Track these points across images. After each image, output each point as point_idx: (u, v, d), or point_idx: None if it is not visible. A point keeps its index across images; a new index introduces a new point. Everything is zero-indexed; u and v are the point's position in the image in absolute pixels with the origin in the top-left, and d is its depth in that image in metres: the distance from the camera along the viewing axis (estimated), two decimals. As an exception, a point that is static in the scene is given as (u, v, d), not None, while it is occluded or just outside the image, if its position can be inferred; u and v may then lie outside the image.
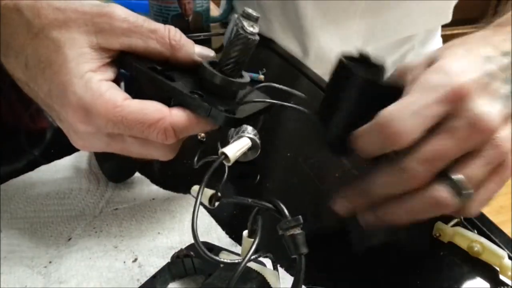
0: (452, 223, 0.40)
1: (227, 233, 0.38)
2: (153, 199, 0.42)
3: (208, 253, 0.26)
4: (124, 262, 0.35)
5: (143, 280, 0.33)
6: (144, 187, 0.43)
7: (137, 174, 0.44)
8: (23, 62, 0.30)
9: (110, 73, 0.31)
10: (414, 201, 0.31)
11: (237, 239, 0.38)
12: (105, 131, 0.30)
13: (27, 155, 0.48)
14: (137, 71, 0.31)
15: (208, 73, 0.32)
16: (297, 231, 0.28)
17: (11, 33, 0.30)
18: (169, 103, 0.31)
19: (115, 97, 0.29)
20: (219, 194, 0.31)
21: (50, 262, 0.35)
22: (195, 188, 0.32)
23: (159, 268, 0.34)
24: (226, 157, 0.29)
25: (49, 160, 0.45)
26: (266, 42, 0.78)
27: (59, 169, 0.44)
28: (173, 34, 0.31)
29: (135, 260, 0.35)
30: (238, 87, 0.33)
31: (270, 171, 0.48)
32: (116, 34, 0.30)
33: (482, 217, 0.42)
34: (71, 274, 0.33)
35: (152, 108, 0.29)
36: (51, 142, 0.52)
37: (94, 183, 0.43)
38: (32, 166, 0.44)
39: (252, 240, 0.28)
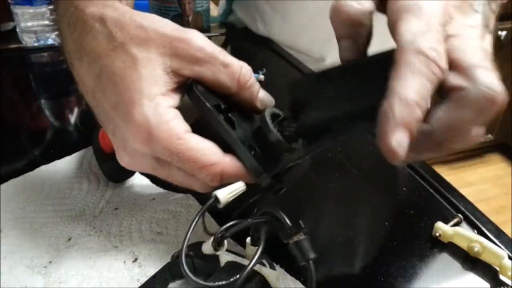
0: (452, 223, 0.40)
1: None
2: (153, 199, 0.42)
3: (192, 276, 0.27)
4: (124, 262, 0.35)
5: (143, 280, 0.33)
6: (144, 187, 0.43)
7: (137, 174, 0.44)
8: (96, 70, 0.30)
9: (176, 99, 0.31)
10: None
11: (237, 239, 0.38)
12: (159, 156, 0.30)
13: (27, 155, 0.48)
14: (202, 105, 0.30)
15: (266, 128, 0.31)
16: (301, 236, 0.27)
17: (90, 40, 0.31)
18: (222, 143, 0.31)
19: (179, 128, 0.29)
20: (222, 238, 0.31)
21: (50, 262, 0.35)
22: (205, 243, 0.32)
23: (159, 268, 0.33)
24: (217, 200, 0.29)
25: (49, 160, 0.45)
26: (266, 42, 0.78)
27: (59, 169, 0.44)
28: (244, 72, 0.31)
29: (135, 260, 0.35)
30: (288, 151, 0.32)
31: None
32: (190, 61, 0.30)
33: (482, 217, 0.42)
34: (71, 274, 0.33)
35: (209, 151, 0.30)
36: (51, 142, 0.52)
37: (94, 183, 0.43)
38: (32, 166, 0.44)
39: (256, 248, 0.28)
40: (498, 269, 0.36)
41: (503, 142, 2.30)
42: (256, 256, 0.28)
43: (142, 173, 0.45)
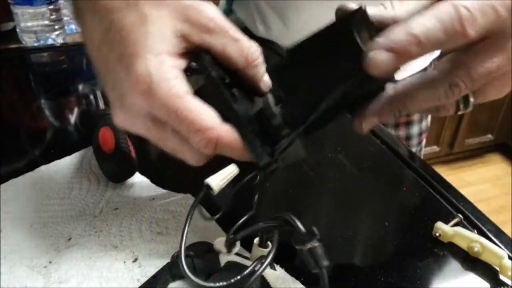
0: (452, 223, 0.40)
1: (226, 232, 0.38)
2: (153, 199, 0.42)
3: (192, 276, 0.26)
4: (124, 262, 0.35)
5: (143, 280, 0.33)
6: (144, 187, 0.43)
7: (137, 174, 0.44)
8: (106, 24, 0.30)
9: (181, 63, 0.31)
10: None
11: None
12: (155, 113, 0.30)
13: (27, 155, 0.48)
14: (208, 75, 0.30)
15: (269, 111, 0.31)
16: (315, 243, 0.27)
17: None
18: (222, 115, 0.30)
19: (180, 87, 0.29)
20: (236, 239, 0.31)
21: (50, 262, 0.35)
22: (219, 240, 0.32)
23: (159, 268, 0.33)
24: (210, 188, 0.29)
25: (49, 160, 0.45)
26: (266, 43, 0.78)
27: (59, 169, 0.44)
28: (253, 50, 0.31)
29: (135, 260, 0.35)
30: (286, 136, 0.32)
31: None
32: (200, 29, 0.30)
33: (482, 217, 0.42)
34: (71, 274, 0.33)
35: (208, 115, 0.29)
36: (51, 142, 0.52)
37: (94, 183, 0.43)
38: (32, 166, 0.44)
39: (263, 249, 0.28)
40: (498, 269, 0.36)
41: (503, 142, 2.31)
42: (268, 260, 0.27)
43: (142, 173, 0.45)
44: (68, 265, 0.34)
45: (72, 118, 0.58)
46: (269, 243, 0.31)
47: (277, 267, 0.34)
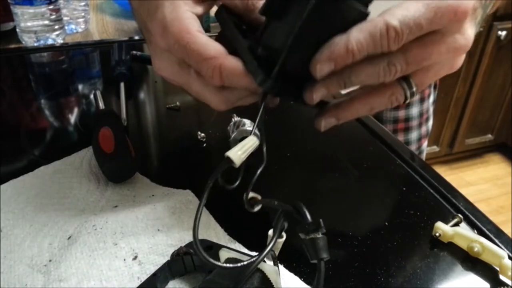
0: (452, 223, 0.40)
1: (225, 230, 0.38)
2: (153, 195, 0.42)
3: (212, 260, 0.26)
4: (124, 260, 0.35)
5: (143, 278, 0.33)
6: (144, 184, 0.43)
7: (137, 174, 0.45)
8: None
9: (197, 9, 0.35)
10: (379, 99, 0.35)
11: (236, 237, 0.38)
12: (173, 53, 0.34)
13: (27, 155, 0.48)
14: (223, 19, 0.35)
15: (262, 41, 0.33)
16: (318, 235, 0.27)
17: None
18: (233, 50, 0.33)
19: (191, 26, 0.33)
20: (259, 197, 0.31)
21: (50, 260, 0.35)
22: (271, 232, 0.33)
23: (159, 266, 0.34)
24: (231, 161, 0.29)
25: (49, 160, 0.45)
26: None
27: (59, 169, 0.44)
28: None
29: (135, 257, 0.35)
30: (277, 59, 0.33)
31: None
32: None
33: (482, 217, 0.42)
34: (71, 272, 0.33)
35: (212, 46, 0.33)
36: (51, 142, 0.52)
37: (94, 183, 0.43)
38: (32, 166, 0.44)
39: (279, 240, 0.28)
40: (498, 269, 0.36)
41: (503, 142, 2.31)
42: (273, 241, 0.28)
43: (142, 173, 0.45)
44: (68, 263, 0.34)
45: (72, 118, 0.58)
46: (284, 234, 0.32)
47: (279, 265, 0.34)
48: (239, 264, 0.27)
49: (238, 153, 0.29)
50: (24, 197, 0.41)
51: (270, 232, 0.32)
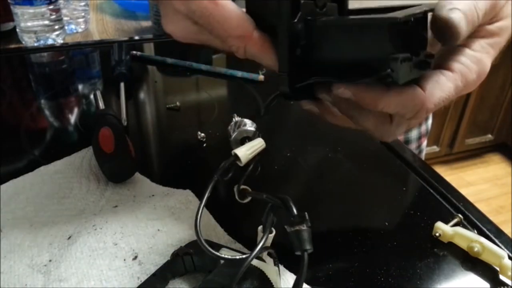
0: (452, 223, 0.40)
1: (225, 230, 0.38)
2: (153, 195, 0.42)
3: (212, 251, 0.26)
4: (124, 259, 0.35)
5: (143, 278, 0.33)
6: (144, 184, 0.43)
7: (137, 174, 0.44)
8: None
9: None
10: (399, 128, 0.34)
11: (236, 237, 0.38)
12: (194, 17, 0.31)
13: (27, 155, 0.48)
14: None
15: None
16: (303, 227, 0.28)
17: None
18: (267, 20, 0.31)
19: None
20: (249, 189, 0.32)
21: (50, 260, 0.35)
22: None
23: (159, 265, 0.34)
24: (237, 158, 0.29)
25: (49, 160, 0.45)
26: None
27: (59, 169, 0.44)
28: None
29: (135, 257, 0.35)
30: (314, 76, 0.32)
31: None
32: None
33: (482, 217, 0.42)
34: (71, 272, 0.33)
35: (238, 20, 0.30)
36: (51, 142, 0.52)
37: (94, 183, 0.43)
38: (32, 166, 0.44)
39: (269, 235, 0.29)
40: (498, 269, 0.36)
41: (503, 142, 2.31)
42: (266, 234, 0.29)
43: (142, 173, 0.45)
44: (68, 263, 0.34)
45: (72, 118, 0.58)
46: (273, 229, 0.32)
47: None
48: (237, 257, 0.27)
49: (246, 152, 0.29)
50: (24, 197, 0.41)
51: (260, 228, 0.32)
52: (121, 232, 0.37)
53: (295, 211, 0.29)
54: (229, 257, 0.28)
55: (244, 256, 0.28)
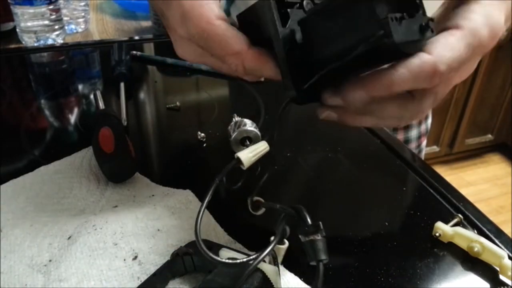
0: (452, 223, 0.40)
1: (225, 230, 0.38)
2: (153, 195, 0.42)
3: (213, 256, 0.27)
4: (124, 259, 0.35)
5: (143, 278, 0.33)
6: (144, 184, 0.43)
7: (137, 174, 0.44)
8: None
9: None
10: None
11: (236, 237, 0.38)
12: (195, 41, 0.32)
13: (27, 155, 0.48)
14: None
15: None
16: (317, 237, 0.28)
17: None
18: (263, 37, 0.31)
19: (211, 13, 0.31)
20: (262, 200, 0.32)
21: (50, 260, 0.35)
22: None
23: (159, 266, 0.34)
24: (240, 162, 0.29)
25: (49, 160, 0.45)
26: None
27: (59, 169, 0.44)
28: None
29: (135, 257, 0.35)
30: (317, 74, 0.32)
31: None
32: None
33: (482, 217, 0.42)
34: (71, 272, 0.33)
35: (233, 39, 0.31)
36: (51, 142, 0.52)
37: (94, 183, 0.43)
38: (32, 166, 0.44)
39: (281, 246, 0.28)
40: (498, 269, 0.36)
41: (503, 142, 2.31)
42: (274, 243, 0.28)
43: (142, 173, 0.45)
44: (68, 263, 0.34)
45: (72, 118, 0.58)
46: (286, 241, 0.32)
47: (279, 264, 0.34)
48: (238, 261, 0.27)
49: (248, 155, 0.29)
50: (24, 197, 0.41)
51: (272, 238, 0.32)
52: (121, 232, 0.37)
53: (309, 220, 0.29)
54: (230, 261, 0.27)
55: (244, 259, 0.27)
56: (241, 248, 0.37)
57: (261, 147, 0.31)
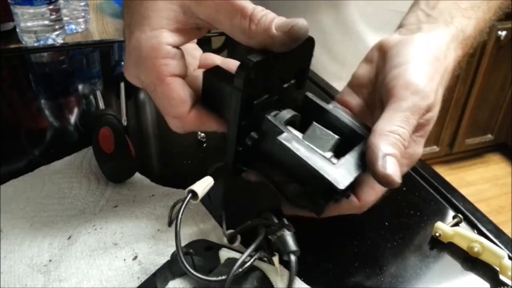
0: (452, 223, 0.40)
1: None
2: (153, 195, 0.42)
3: (193, 272, 0.28)
4: (124, 259, 0.35)
5: (143, 278, 0.33)
6: (144, 184, 0.43)
7: (137, 174, 0.44)
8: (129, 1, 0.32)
9: (182, 39, 0.31)
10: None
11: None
12: (142, 86, 0.33)
13: (27, 155, 0.48)
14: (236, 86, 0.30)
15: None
16: (283, 232, 0.29)
17: None
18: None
19: (165, 68, 0.30)
20: (235, 231, 0.34)
21: (50, 260, 0.35)
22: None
23: (159, 265, 0.34)
24: (194, 195, 0.30)
25: (49, 160, 0.45)
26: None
27: (59, 169, 0.44)
28: (257, 11, 0.29)
29: (135, 257, 0.35)
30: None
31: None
32: (206, 6, 0.30)
33: (482, 217, 0.42)
34: (71, 272, 0.33)
35: (176, 102, 0.31)
36: (51, 142, 0.52)
37: (94, 183, 0.43)
38: (32, 166, 0.44)
39: (274, 257, 0.30)
40: (498, 269, 0.36)
41: (503, 142, 2.30)
42: (251, 248, 0.29)
43: (142, 173, 0.45)
44: (68, 263, 0.34)
45: (72, 118, 0.58)
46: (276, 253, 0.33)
47: (276, 262, 0.34)
48: (213, 278, 0.29)
49: (200, 188, 0.31)
50: (24, 197, 0.41)
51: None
52: (121, 232, 0.37)
53: (275, 220, 0.30)
54: (206, 277, 0.28)
55: (224, 277, 0.28)
56: (241, 248, 0.37)
57: (208, 181, 0.33)
